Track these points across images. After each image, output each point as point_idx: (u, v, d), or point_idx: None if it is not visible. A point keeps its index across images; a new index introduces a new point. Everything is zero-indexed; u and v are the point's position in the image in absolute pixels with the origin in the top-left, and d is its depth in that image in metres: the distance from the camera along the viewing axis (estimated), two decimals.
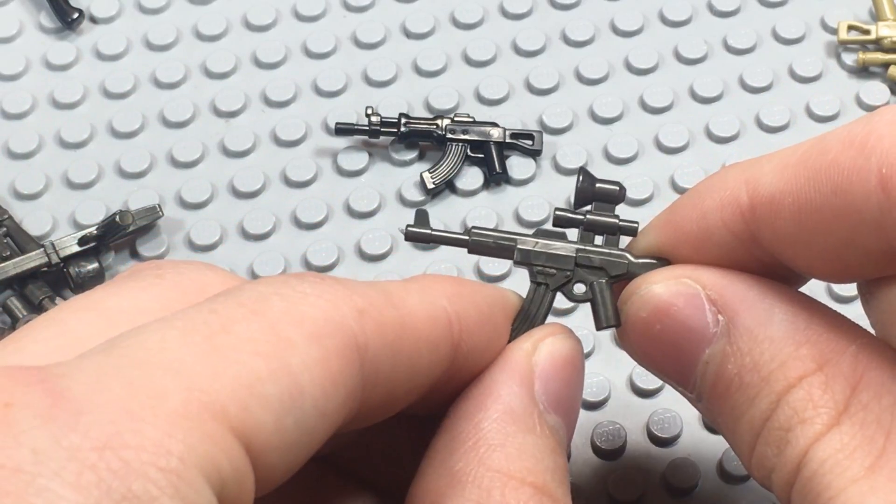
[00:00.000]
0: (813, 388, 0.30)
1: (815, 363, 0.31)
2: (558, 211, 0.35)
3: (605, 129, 0.55)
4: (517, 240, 0.35)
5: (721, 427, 0.33)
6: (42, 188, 0.53)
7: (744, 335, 0.32)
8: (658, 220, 0.35)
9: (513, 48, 0.57)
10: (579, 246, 0.35)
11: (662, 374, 0.34)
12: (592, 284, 0.34)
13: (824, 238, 0.30)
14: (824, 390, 0.30)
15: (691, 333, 0.32)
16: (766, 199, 0.31)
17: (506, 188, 0.53)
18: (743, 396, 0.32)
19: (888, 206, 0.28)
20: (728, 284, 0.32)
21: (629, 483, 0.44)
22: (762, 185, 0.31)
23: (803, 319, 0.31)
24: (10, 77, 0.56)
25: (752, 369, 0.31)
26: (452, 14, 0.58)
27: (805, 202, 0.30)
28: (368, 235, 0.51)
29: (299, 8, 0.58)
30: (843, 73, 0.56)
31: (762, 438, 0.31)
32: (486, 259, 0.47)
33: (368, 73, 0.56)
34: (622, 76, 0.56)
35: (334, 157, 0.54)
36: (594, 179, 0.35)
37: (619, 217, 0.35)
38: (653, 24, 0.58)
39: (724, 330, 0.32)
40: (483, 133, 0.53)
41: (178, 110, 0.55)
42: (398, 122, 0.53)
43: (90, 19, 0.58)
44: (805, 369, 0.31)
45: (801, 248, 0.31)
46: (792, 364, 0.31)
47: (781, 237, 0.31)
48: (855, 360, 0.30)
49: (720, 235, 0.32)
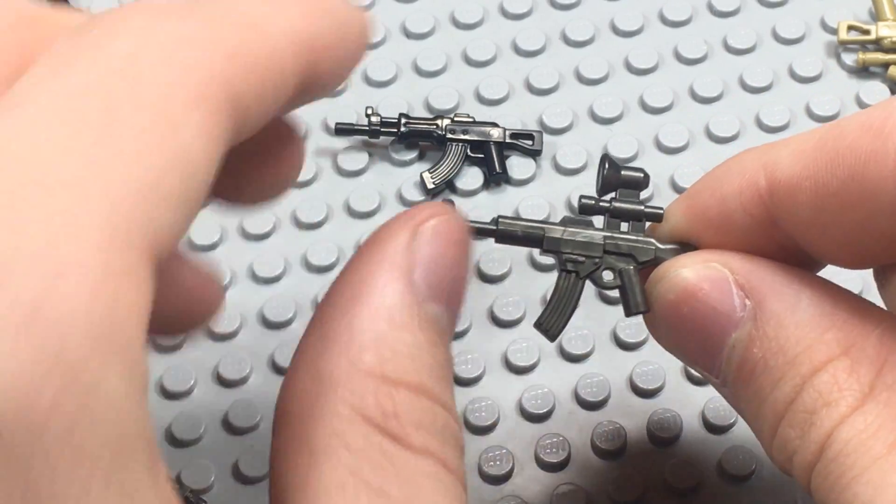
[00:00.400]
0: (838, 372, 0.31)
1: (840, 347, 0.31)
2: (584, 199, 0.35)
3: (605, 129, 0.55)
4: (545, 228, 0.34)
5: (744, 411, 0.33)
6: None
7: (771, 319, 0.32)
8: (678, 206, 0.35)
9: (513, 48, 0.57)
10: (607, 233, 0.35)
11: (689, 357, 0.35)
12: (621, 271, 0.34)
13: (842, 222, 0.30)
14: (850, 374, 0.31)
15: (718, 317, 0.33)
16: (784, 184, 0.31)
17: (506, 188, 0.53)
18: (768, 380, 0.32)
19: None
20: (755, 269, 0.33)
21: (629, 483, 0.44)
22: (780, 169, 0.31)
23: (829, 304, 0.32)
24: None
25: (777, 353, 0.32)
26: (452, 14, 0.58)
27: (822, 186, 0.30)
28: (369, 235, 0.51)
29: None
30: (843, 73, 0.56)
31: (786, 421, 0.31)
32: (486, 259, 0.47)
33: (368, 73, 0.56)
34: (622, 76, 0.56)
35: (334, 157, 0.54)
36: (619, 167, 0.35)
37: (644, 203, 0.35)
38: (653, 24, 0.58)
39: (751, 314, 0.32)
40: (483, 133, 0.53)
41: None
42: (398, 122, 0.53)
43: None
44: (831, 353, 0.31)
45: (820, 233, 0.31)
46: (818, 348, 0.31)
47: (800, 221, 0.31)
48: (879, 344, 0.31)
49: (740, 220, 0.33)
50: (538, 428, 0.46)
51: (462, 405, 0.46)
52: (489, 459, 0.45)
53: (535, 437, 0.46)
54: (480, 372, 0.47)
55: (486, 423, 0.46)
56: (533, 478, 0.45)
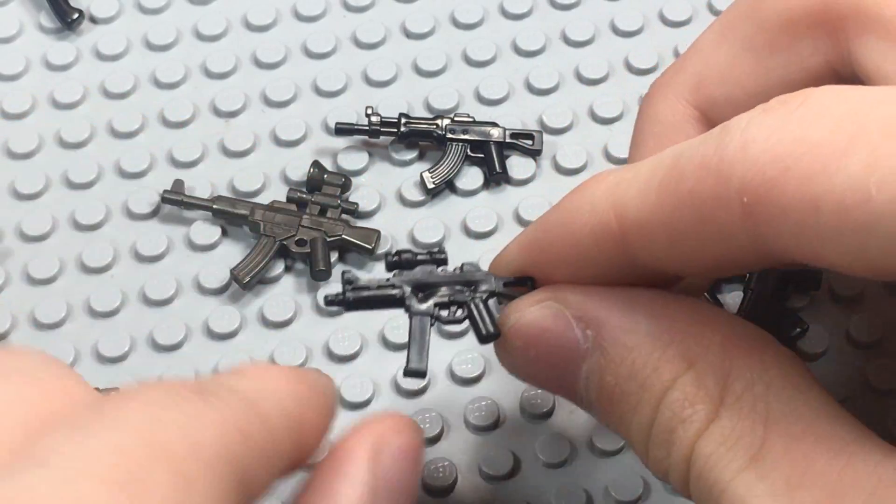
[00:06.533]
0: (686, 387, 0.31)
1: (684, 361, 0.31)
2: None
3: (605, 129, 0.55)
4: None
5: (617, 433, 0.34)
6: (42, 188, 0.53)
7: (614, 346, 0.32)
8: (522, 240, 0.36)
9: (513, 48, 0.57)
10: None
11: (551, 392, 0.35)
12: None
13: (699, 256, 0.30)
14: (698, 387, 0.31)
15: (566, 352, 0.33)
16: (635, 226, 0.31)
17: (506, 188, 0.53)
18: (626, 405, 0.32)
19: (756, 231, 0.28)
20: (589, 300, 0.33)
21: (629, 482, 0.44)
22: (629, 210, 0.31)
23: (667, 319, 0.32)
24: (10, 77, 0.56)
25: (628, 378, 0.32)
26: (452, 14, 0.58)
27: (674, 229, 0.30)
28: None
29: (299, 8, 0.58)
30: None
31: (651, 443, 0.32)
32: None
33: (368, 73, 0.56)
34: (622, 76, 0.56)
35: (334, 157, 0.54)
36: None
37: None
38: (653, 24, 0.58)
39: (596, 344, 0.33)
40: (483, 133, 0.53)
41: (178, 110, 0.55)
42: (398, 122, 0.53)
43: (90, 19, 0.58)
44: (676, 370, 0.31)
45: (678, 264, 0.31)
46: (663, 367, 0.31)
47: (656, 257, 0.32)
48: (722, 351, 0.31)
49: (596, 259, 0.33)
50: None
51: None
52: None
53: None
54: None
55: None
56: None
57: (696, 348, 0.31)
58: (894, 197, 0.25)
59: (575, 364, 0.33)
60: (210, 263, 0.51)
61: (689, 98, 0.38)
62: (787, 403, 0.30)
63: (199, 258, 0.51)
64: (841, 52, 0.35)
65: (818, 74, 0.35)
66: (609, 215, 0.32)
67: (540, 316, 0.34)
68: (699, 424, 0.30)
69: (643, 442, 0.32)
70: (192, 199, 0.51)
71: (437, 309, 0.36)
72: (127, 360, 0.48)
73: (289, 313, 0.49)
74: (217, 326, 0.49)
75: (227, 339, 0.49)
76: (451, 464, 0.45)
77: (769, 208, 0.27)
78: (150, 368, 0.48)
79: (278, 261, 0.50)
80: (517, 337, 0.34)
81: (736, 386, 0.30)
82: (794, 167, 0.27)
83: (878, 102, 0.27)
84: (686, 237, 0.30)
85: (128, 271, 0.51)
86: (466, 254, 0.51)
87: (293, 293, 0.50)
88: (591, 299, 0.33)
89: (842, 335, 0.47)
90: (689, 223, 0.30)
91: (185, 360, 0.48)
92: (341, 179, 0.52)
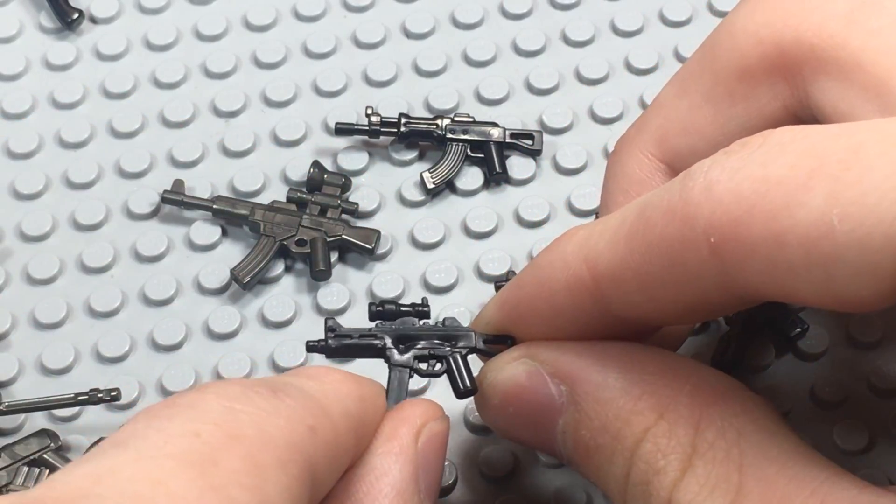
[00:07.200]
0: (658, 438, 0.31)
1: (655, 412, 0.32)
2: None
3: (605, 129, 0.55)
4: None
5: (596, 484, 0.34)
6: (42, 188, 0.53)
7: (587, 400, 0.33)
8: (500, 298, 0.37)
9: (513, 48, 0.57)
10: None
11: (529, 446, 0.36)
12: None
13: (671, 301, 0.31)
14: (669, 437, 0.31)
15: (542, 408, 0.34)
16: (607, 277, 0.32)
17: (506, 188, 0.53)
18: (602, 458, 0.33)
19: (725, 270, 0.28)
20: (562, 355, 0.34)
21: None
22: (601, 262, 0.32)
23: (637, 372, 0.33)
24: (10, 77, 0.56)
25: (602, 431, 0.32)
26: (452, 14, 0.58)
27: (645, 275, 0.31)
28: None
29: (299, 8, 0.58)
30: None
31: (629, 495, 0.32)
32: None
33: (368, 73, 0.56)
34: (622, 76, 0.56)
35: (334, 157, 0.54)
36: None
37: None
38: (653, 24, 0.58)
39: (570, 399, 0.33)
40: (483, 133, 0.53)
41: (178, 110, 0.55)
42: (398, 122, 0.53)
43: (90, 19, 0.58)
44: (647, 421, 0.32)
45: (652, 311, 0.32)
46: (635, 419, 0.32)
47: (630, 305, 0.32)
48: (691, 400, 0.31)
49: (573, 313, 0.34)
50: None
51: None
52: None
53: None
54: None
55: None
56: None
57: (667, 399, 0.32)
58: (856, 227, 0.26)
59: (551, 420, 0.34)
60: (210, 263, 0.51)
61: (654, 152, 0.39)
62: (760, 447, 0.30)
63: (199, 258, 0.51)
64: (798, 95, 0.35)
65: (777, 119, 0.36)
66: (582, 268, 0.33)
67: (516, 373, 0.35)
68: (674, 474, 0.31)
69: (621, 493, 0.32)
70: (192, 199, 0.51)
71: (417, 361, 0.37)
72: (127, 360, 0.48)
73: (289, 313, 0.49)
74: (217, 326, 0.49)
75: (227, 339, 0.49)
76: (451, 464, 0.45)
77: (736, 246, 0.28)
78: (150, 368, 0.48)
79: (278, 261, 0.50)
80: (494, 394, 0.35)
81: (707, 434, 0.31)
82: (758, 205, 0.27)
83: (835, 137, 0.27)
84: (657, 282, 0.30)
85: (128, 271, 0.51)
86: (466, 254, 0.51)
87: (293, 293, 0.50)
88: (565, 355, 0.34)
89: (842, 335, 0.47)
90: (660, 268, 0.30)
91: (185, 360, 0.48)
92: (341, 179, 0.52)
